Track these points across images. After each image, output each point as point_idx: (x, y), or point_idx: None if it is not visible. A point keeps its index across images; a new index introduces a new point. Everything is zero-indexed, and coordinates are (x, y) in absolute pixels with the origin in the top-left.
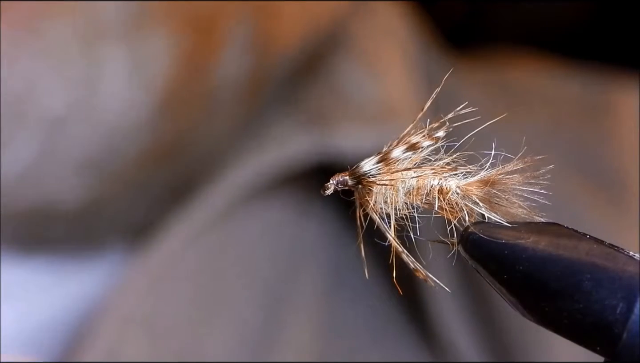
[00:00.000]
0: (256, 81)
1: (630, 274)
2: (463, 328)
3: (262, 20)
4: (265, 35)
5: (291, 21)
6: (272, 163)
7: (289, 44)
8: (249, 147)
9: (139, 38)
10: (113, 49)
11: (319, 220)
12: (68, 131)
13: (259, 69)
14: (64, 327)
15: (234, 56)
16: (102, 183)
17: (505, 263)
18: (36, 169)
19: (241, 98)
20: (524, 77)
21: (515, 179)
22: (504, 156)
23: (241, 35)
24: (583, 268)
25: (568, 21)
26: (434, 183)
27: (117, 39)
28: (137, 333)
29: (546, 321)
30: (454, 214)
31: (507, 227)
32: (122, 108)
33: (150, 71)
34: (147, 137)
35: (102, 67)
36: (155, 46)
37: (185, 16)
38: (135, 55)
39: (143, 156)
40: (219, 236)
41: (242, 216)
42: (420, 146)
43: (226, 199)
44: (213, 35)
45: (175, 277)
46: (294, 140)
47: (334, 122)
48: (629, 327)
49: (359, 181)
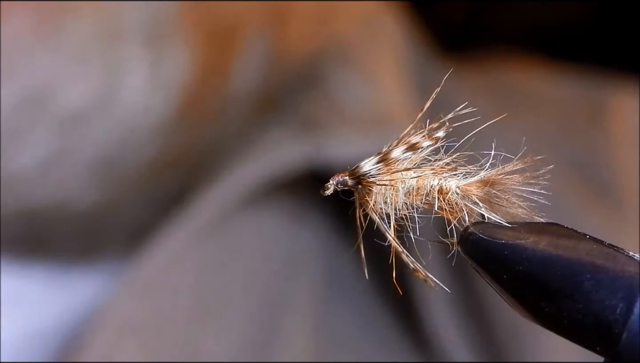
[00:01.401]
0: (267, 92)
1: (630, 274)
2: (456, 331)
3: (277, 35)
4: (279, 48)
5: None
6: (267, 170)
7: (298, 58)
8: (245, 154)
9: (160, 45)
10: (134, 53)
11: (313, 226)
12: (84, 130)
13: (270, 81)
14: (61, 333)
15: (249, 68)
16: (114, 185)
17: (505, 264)
18: (51, 167)
19: (252, 109)
20: (521, 79)
21: (515, 180)
22: (503, 156)
23: (258, 48)
24: (583, 268)
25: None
26: (434, 183)
27: (138, 44)
28: (134, 338)
29: (546, 321)
30: (454, 214)
31: (507, 227)
32: (139, 112)
33: (169, 77)
34: (161, 142)
35: (122, 70)
36: (174, 53)
37: (205, 27)
38: (155, 61)
39: (155, 161)
40: (215, 243)
41: (237, 222)
42: (420, 146)
43: (222, 206)
44: (231, 46)
45: (172, 283)
46: (289, 147)
47: (328, 129)
48: (629, 327)
49: (358, 181)
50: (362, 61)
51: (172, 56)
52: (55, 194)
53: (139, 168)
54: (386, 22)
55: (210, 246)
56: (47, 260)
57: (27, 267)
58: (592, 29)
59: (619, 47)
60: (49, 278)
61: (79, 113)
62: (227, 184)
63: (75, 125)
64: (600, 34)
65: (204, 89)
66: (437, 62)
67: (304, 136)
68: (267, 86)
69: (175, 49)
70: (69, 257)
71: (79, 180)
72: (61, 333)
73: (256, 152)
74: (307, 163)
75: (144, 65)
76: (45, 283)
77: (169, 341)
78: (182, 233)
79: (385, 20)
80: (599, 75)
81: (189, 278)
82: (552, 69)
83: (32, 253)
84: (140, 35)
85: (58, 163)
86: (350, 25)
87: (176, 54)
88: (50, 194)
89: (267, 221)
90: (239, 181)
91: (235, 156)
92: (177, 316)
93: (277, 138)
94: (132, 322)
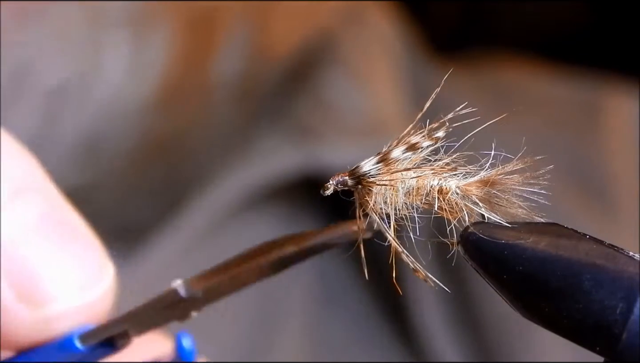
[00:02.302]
0: (248, 84)
1: (630, 274)
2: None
3: (259, 25)
4: (259, 41)
5: (286, 28)
6: (261, 175)
7: (282, 50)
8: (239, 159)
9: (142, 29)
10: (116, 38)
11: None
12: (64, 110)
13: (251, 73)
14: None
15: (230, 58)
16: (94, 169)
17: (505, 264)
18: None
19: (234, 100)
20: (517, 80)
21: (515, 180)
22: (503, 156)
23: (238, 38)
24: (583, 269)
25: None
26: (434, 183)
27: (121, 28)
28: None
29: (546, 321)
30: (454, 214)
31: (507, 227)
32: (119, 93)
33: (149, 61)
34: (140, 126)
35: (104, 51)
36: (156, 38)
37: (187, 15)
38: (136, 44)
39: (135, 147)
40: (211, 247)
41: (233, 227)
42: (420, 147)
43: (216, 212)
44: (211, 35)
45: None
46: (283, 153)
47: (322, 135)
48: (629, 327)
49: (358, 181)
50: (355, 64)
51: (153, 40)
52: None
53: (119, 152)
54: (376, 21)
55: (206, 250)
56: None
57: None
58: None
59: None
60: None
61: (60, 92)
62: (222, 189)
63: (56, 104)
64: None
65: (184, 74)
66: (430, 62)
67: (298, 143)
68: (249, 77)
69: (157, 34)
70: None
71: (60, 162)
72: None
73: (251, 158)
74: (301, 170)
75: (125, 47)
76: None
77: None
78: (178, 237)
79: (375, 19)
80: (596, 77)
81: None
82: (548, 70)
83: None
84: (123, 18)
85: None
86: (337, 21)
87: (157, 39)
88: None
89: (261, 226)
90: (234, 186)
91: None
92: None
93: (272, 144)
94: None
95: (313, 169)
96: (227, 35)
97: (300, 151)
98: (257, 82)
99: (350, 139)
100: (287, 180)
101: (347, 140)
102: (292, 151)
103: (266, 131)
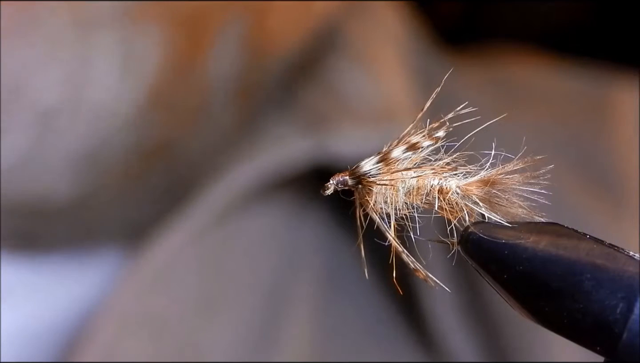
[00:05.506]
0: (249, 81)
1: (630, 274)
2: (459, 329)
3: (254, 21)
4: (257, 35)
5: (284, 21)
6: (270, 165)
7: (282, 45)
8: (246, 150)
9: (132, 32)
10: (107, 41)
11: (316, 222)
12: (60, 123)
13: (252, 70)
14: (62, 327)
15: (225, 56)
16: (94, 177)
17: (505, 263)
18: (29, 161)
19: (234, 99)
20: (522, 74)
21: (515, 179)
22: (503, 155)
23: (232, 35)
24: (583, 268)
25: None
26: (434, 183)
27: (111, 30)
28: (135, 334)
29: (546, 321)
30: (454, 214)
31: (507, 227)
32: (112, 99)
33: (141, 66)
34: (136, 132)
35: (95, 58)
36: (147, 41)
37: (178, 14)
38: (127, 49)
39: (133, 152)
40: (217, 238)
41: (240, 218)
42: (420, 146)
43: (224, 202)
44: (204, 34)
45: (174, 279)
46: (292, 143)
47: (332, 124)
48: (629, 326)
49: (359, 181)
50: (364, 54)
51: (145, 44)
52: (34, 189)
53: (117, 159)
54: (382, 11)
55: (213, 241)
56: (47, 254)
57: (29, 260)
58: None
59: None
60: (49, 272)
61: (54, 105)
62: (231, 179)
63: (51, 117)
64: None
65: (178, 78)
66: (438, 52)
67: (307, 132)
68: (249, 75)
69: (148, 36)
70: (68, 252)
71: (58, 174)
72: (63, 329)
73: (260, 147)
74: (311, 159)
75: (116, 53)
76: (47, 276)
77: (171, 336)
78: (184, 229)
79: (381, 10)
80: (600, 70)
81: (191, 273)
82: (553, 64)
83: (29, 249)
84: (114, 22)
85: (36, 157)
86: (341, 11)
87: (149, 43)
88: (31, 189)
89: (269, 217)
90: (242, 176)
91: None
92: (180, 312)
93: (281, 133)
94: (134, 317)
95: (324, 158)
96: (221, 31)
97: (310, 140)
98: (258, 77)
99: (361, 128)
100: (297, 169)
101: (357, 128)
102: (301, 140)
103: (274, 120)
